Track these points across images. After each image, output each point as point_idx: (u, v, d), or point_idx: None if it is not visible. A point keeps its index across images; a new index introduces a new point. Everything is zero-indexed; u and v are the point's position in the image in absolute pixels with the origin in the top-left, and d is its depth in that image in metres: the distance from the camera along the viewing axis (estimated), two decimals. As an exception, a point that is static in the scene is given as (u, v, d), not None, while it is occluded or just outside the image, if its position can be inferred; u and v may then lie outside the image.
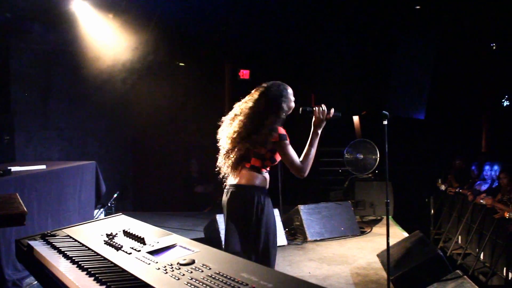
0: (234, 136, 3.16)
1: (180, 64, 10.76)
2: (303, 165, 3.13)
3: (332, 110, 3.24)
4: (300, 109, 3.26)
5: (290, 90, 3.26)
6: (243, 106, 3.25)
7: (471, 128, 9.72)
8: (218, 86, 10.54)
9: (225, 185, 3.28)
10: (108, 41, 8.09)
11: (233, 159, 3.16)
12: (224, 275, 1.69)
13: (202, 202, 10.32)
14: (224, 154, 3.24)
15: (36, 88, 8.02)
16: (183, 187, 10.91)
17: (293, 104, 3.25)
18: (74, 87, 8.61)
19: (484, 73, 9.13)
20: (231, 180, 3.22)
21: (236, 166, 3.18)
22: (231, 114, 3.31)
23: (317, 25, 9.43)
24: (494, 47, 8.99)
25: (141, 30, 8.45)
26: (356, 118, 10.66)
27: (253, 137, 3.10)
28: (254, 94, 3.25)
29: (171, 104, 10.63)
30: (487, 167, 7.57)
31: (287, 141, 3.11)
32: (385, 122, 4.45)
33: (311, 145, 3.19)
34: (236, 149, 3.15)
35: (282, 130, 3.13)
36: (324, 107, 3.22)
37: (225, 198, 3.25)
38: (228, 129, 3.25)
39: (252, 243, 3.10)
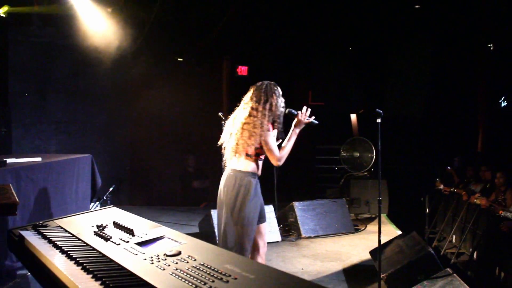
0: (237, 132, 3.66)
1: (179, 59, 10.78)
2: (280, 155, 3.64)
3: (313, 118, 3.75)
4: (287, 110, 3.74)
5: (280, 91, 3.74)
6: (241, 105, 3.75)
7: (468, 128, 9.72)
8: (216, 82, 10.56)
9: (224, 167, 3.79)
10: (106, 35, 8.10)
11: (236, 148, 3.68)
12: (208, 266, 1.72)
13: (199, 197, 10.34)
14: (230, 146, 3.72)
15: (34, 81, 8.04)
16: (180, 182, 10.94)
17: (282, 104, 3.72)
18: (71, 81, 8.64)
19: (481, 73, 9.13)
20: (231, 164, 3.71)
21: (238, 152, 3.67)
22: (234, 113, 3.80)
23: (316, 22, 9.44)
24: (491, 48, 9.00)
25: (139, 25, 8.46)
26: (353, 116, 10.69)
27: (248, 128, 3.60)
28: (249, 92, 3.72)
29: (169, 99, 10.64)
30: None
31: (269, 132, 3.60)
32: (379, 121, 4.45)
33: (289, 140, 3.71)
34: (239, 140, 3.64)
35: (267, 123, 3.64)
36: (307, 112, 3.72)
37: (223, 179, 3.74)
38: (232, 126, 3.74)
39: (236, 215, 3.58)
